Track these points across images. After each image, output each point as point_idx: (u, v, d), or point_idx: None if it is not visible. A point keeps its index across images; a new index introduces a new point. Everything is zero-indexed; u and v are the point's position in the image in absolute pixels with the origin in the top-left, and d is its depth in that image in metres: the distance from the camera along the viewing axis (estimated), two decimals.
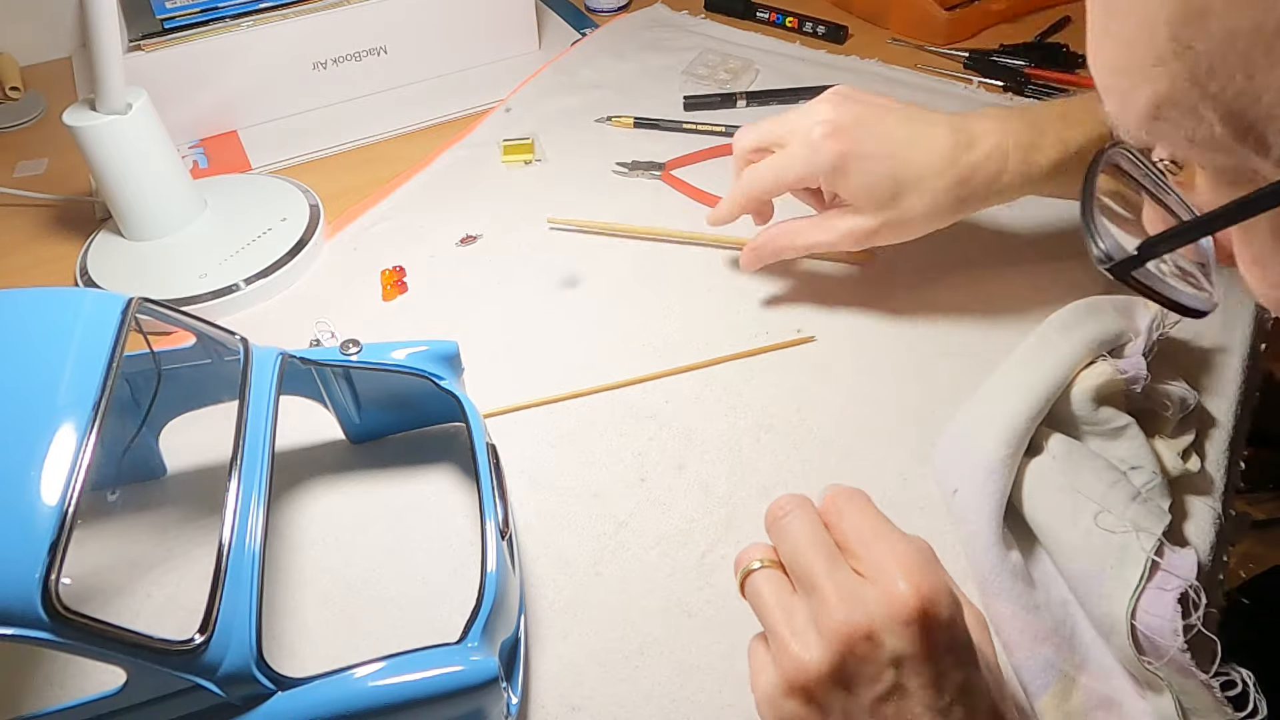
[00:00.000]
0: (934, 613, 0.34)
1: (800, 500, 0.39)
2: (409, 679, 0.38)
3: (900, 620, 0.34)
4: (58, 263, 0.72)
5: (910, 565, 0.35)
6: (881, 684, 0.34)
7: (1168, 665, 0.41)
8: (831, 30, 0.97)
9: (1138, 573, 0.42)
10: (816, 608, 0.36)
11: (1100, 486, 0.45)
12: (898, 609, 0.34)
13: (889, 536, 0.37)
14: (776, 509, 0.39)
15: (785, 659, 0.36)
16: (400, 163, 0.82)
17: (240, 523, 0.39)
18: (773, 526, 0.39)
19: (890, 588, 0.35)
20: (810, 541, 0.37)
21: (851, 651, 0.34)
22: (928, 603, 0.34)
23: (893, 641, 0.34)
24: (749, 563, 0.39)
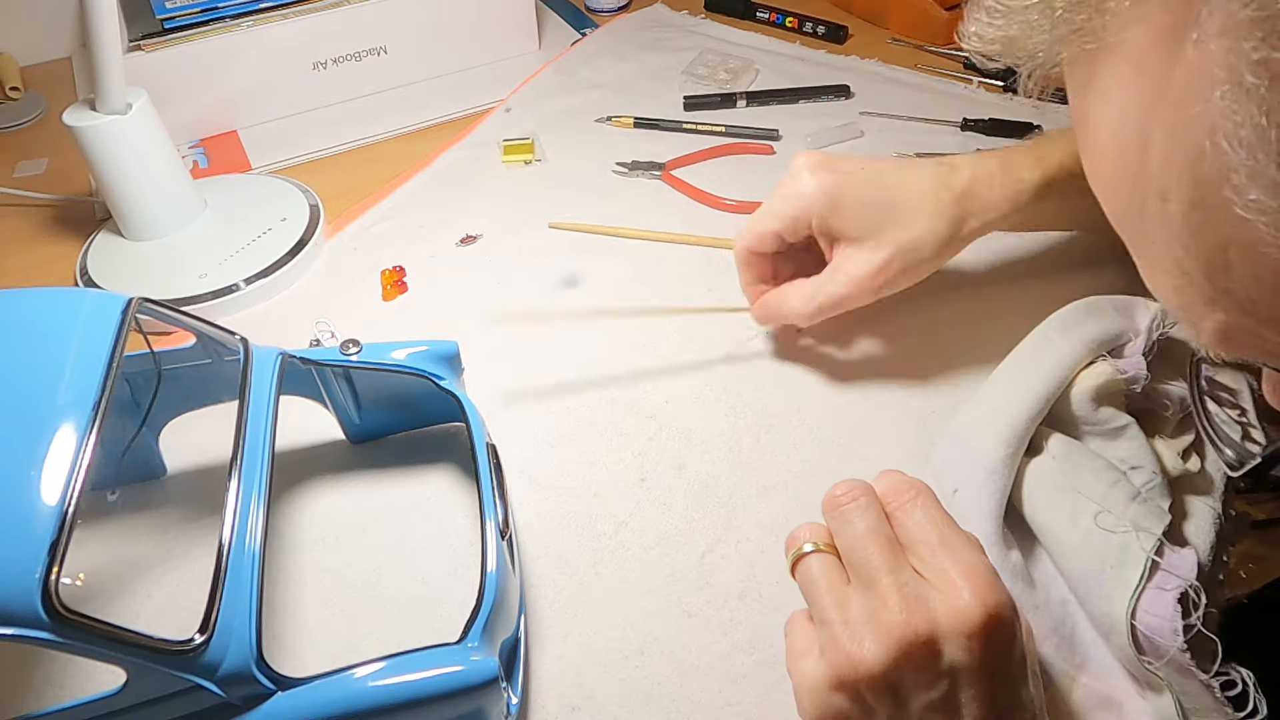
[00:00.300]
0: (996, 629, 0.34)
1: (863, 488, 0.39)
2: (409, 679, 0.38)
3: (963, 632, 0.34)
4: (58, 263, 0.72)
5: (977, 577, 0.35)
6: (934, 692, 0.34)
7: (1167, 665, 0.41)
8: (831, 30, 0.97)
9: (1138, 572, 0.42)
10: (875, 605, 0.35)
11: (1100, 486, 0.45)
12: (961, 620, 0.34)
13: (954, 541, 0.36)
14: (838, 494, 0.38)
15: (836, 652, 0.35)
16: (400, 163, 0.82)
17: (240, 523, 0.39)
18: (832, 512, 0.38)
19: (955, 597, 0.34)
20: (872, 534, 0.37)
21: (908, 656, 0.34)
22: (992, 618, 0.34)
23: (952, 652, 0.34)
24: (802, 544, 0.38)
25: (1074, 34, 0.23)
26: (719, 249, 0.70)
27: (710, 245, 0.70)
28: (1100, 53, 0.23)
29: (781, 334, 0.62)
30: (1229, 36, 0.19)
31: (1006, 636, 0.34)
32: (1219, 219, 0.21)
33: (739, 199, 0.74)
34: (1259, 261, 0.21)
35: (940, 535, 0.37)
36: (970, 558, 0.36)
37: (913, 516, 0.37)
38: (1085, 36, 0.23)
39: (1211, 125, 0.20)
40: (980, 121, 0.81)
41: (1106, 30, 0.22)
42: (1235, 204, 0.20)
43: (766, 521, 0.51)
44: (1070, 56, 0.24)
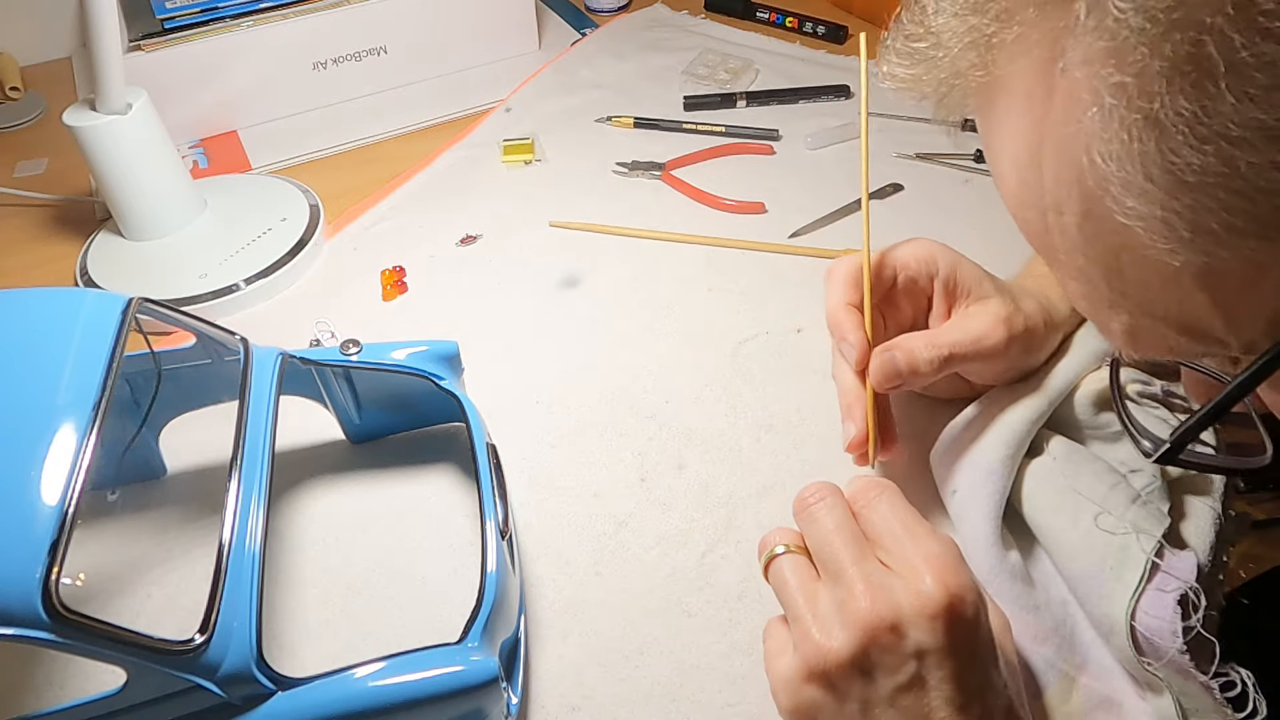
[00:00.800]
0: (959, 610, 0.35)
1: (830, 488, 0.40)
2: (409, 679, 0.38)
3: (926, 614, 0.35)
4: (58, 263, 0.72)
5: (939, 563, 0.36)
6: (902, 675, 0.35)
7: (1167, 666, 0.41)
8: (831, 30, 0.97)
9: (1137, 574, 0.42)
10: (842, 596, 0.36)
11: (1101, 488, 0.45)
12: (924, 603, 0.35)
13: (918, 532, 0.38)
14: (806, 495, 0.40)
15: (807, 644, 0.36)
16: (400, 163, 0.82)
17: (240, 523, 0.39)
18: (801, 513, 0.40)
19: (918, 583, 0.35)
20: (838, 530, 0.38)
21: (875, 641, 0.35)
22: (954, 600, 0.35)
23: (917, 634, 0.35)
24: (773, 546, 0.40)
25: (968, 69, 0.26)
26: (719, 249, 0.70)
27: (711, 245, 0.70)
28: (993, 84, 0.26)
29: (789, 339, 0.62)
30: (1089, 65, 0.22)
31: (969, 618, 0.35)
32: (1107, 228, 0.24)
33: (739, 199, 0.75)
34: (1145, 264, 0.24)
35: (904, 527, 0.38)
36: (934, 547, 0.37)
37: (877, 512, 0.39)
38: (978, 71, 0.25)
39: (1087, 144, 0.22)
40: None
41: (995, 64, 0.25)
42: (1116, 212, 0.23)
43: (766, 521, 0.51)
44: (970, 89, 0.27)
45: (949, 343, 0.47)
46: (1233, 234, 0.21)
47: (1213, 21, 0.19)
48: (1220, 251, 0.22)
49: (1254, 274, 0.23)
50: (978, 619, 0.36)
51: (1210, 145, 0.20)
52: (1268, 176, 0.20)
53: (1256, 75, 0.19)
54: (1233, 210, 0.21)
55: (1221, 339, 0.25)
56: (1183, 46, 0.20)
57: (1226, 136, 0.20)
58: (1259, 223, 0.21)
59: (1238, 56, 0.19)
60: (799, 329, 0.63)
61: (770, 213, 0.74)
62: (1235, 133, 0.20)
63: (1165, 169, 0.21)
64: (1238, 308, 0.24)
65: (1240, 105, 0.19)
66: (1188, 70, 0.20)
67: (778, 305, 0.65)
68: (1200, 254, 0.22)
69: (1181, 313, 0.25)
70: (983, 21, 0.24)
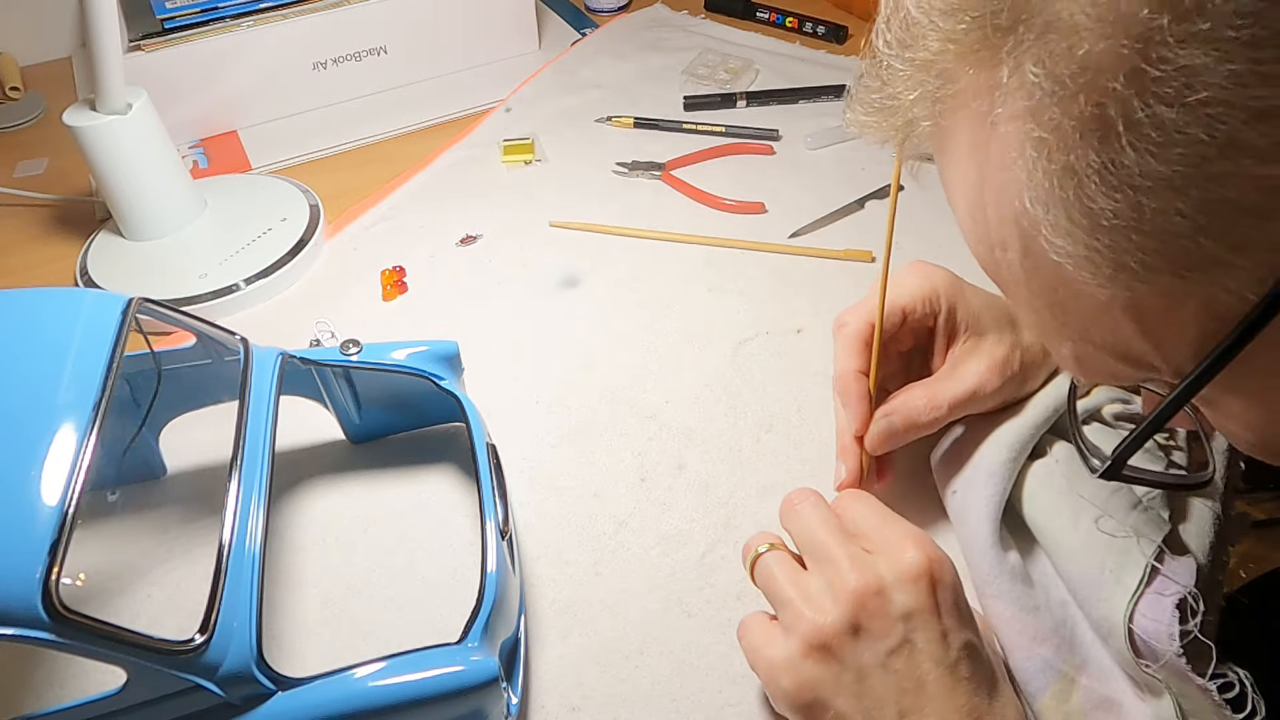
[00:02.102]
0: (940, 574, 0.38)
1: (811, 492, 0.43)
2: (409, 679, 0.38)
3: (909, 577, 0.38)
4: (58, 263, 0.72)
5: (917, 538, 0.39)
6: (892, 638, 0.37)
7: (1165, 669, 0.41)
8: (831, 30, 0.97)
9: (1137, 577, 0.42)
10: (830, 575, 0.39)
11: (1102, 492, 0.45)
12: (906, 568, 0.38)
13: (895, 521, 0.41)
14: (791, 498, 0.43)
15: (802, 623, 0.38)
16: (400, 163, 0.82)
17: (240, 523, 0.39)
18: (786, 513, 0.42)
19: (899, 554, 0.38)
20: (823, 522, 0.41)
21: (864, 607, 0.37)
22: (934, 565, 0.38)
23: (901, 597, 0.37)
24: (756, 547, 0.42)
25: (921, 118, 0.28)
26: (719, 249, 0.70)
27: (711, 245, 0.70)
28: (942, 133, 0.29)
29: (786, 340, 0.62)
30: (1015, 121, 0.24)
31: (950, 582, 0.39)
32: (1043, 264, 0.26)
33: (739, 199, 0.75)
34: (1080, 297, 0.26)
35: (882, 519, 0.41)
36: (910, 528, 0.40)
37: (856, 510, 0.42)
38: (928, 121, 0.28)
39: (1019, 190, 0.25)
40: None
41: (942, 115, 0.28)
42: (1049, 251, 0.25)
43: (766, 521, 0.51)
44: (924, 135, 0.30)
45: (947, 401, 0.49)
46: (1148, 271, 0.23)
47: (1112, 86, 0.21)
48: (1140, 286, 0.24)
49: (1172, 306, 0.25)
50: (956, 586, 0.39)
51: (1120, 193, 0.22)
52: (1172, 221, 0.22)
53: (1152, 133, 0.21)
54: (1146, 250, 0.23)
55: (1154, 364, 0.27)
56: (1088, 108, 0.22)
57: (1133, 185, 0.22)
58: (1170, 261, 0.23)
59: (1135, 117, 0.21)
60: (799, 329, 0.63)
61: (770, 213, 0.74)
62: (1139, 182, 0.22)
63: (1085, 213, 0.23)
64: (1163, 336, 0.26)
65: (1141, 158, 0.22)
66: (1094, 128, 0.22)
67: (778, 305, 0.65)
68: (1123, 288, 0.24)
69: (1116, 341, 0.27)
70: (929, 78, 0.27)
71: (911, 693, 0.37)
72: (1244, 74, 0.20)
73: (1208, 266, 0.23)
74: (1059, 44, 0.22)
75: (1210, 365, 0.25)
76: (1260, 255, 0.22)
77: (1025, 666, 0.43)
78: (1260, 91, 0.20)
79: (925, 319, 0.50)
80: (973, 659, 0.38)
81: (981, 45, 0.25)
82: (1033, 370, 0.50)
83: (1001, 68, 0.24)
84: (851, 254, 0.69)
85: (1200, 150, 0.21)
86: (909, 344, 0.52)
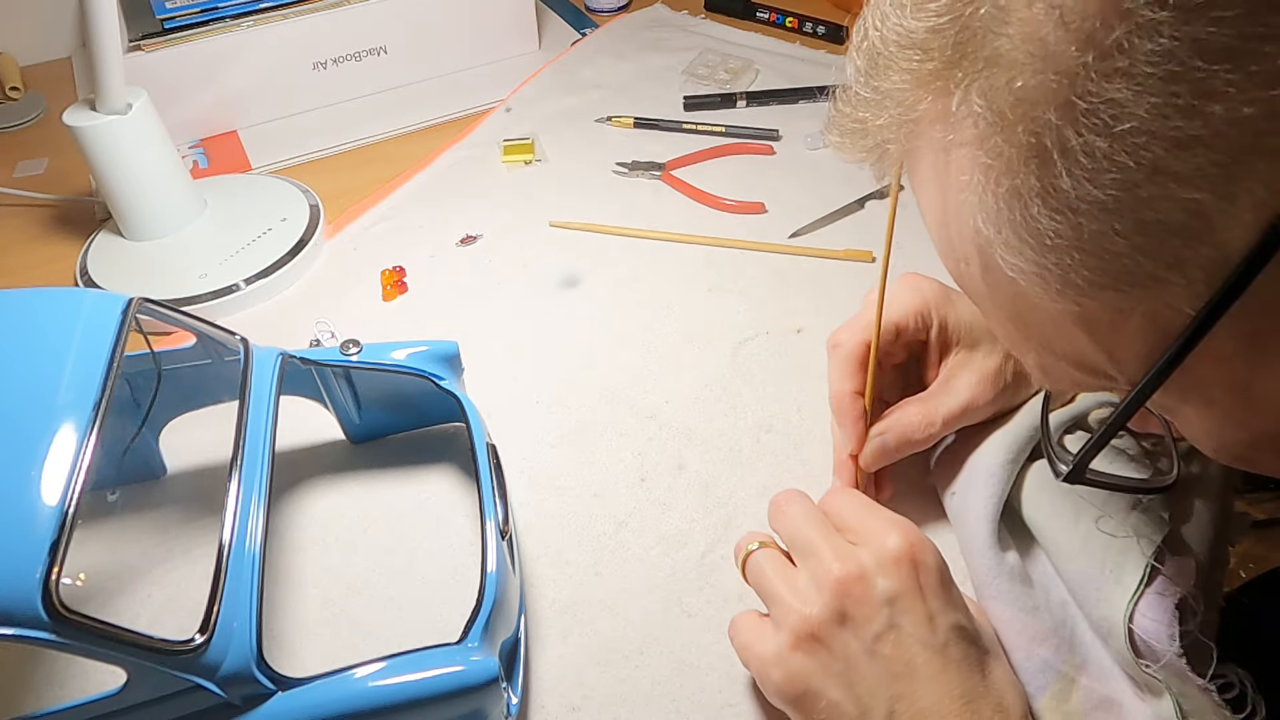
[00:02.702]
0: (921, 556, 0.39)
1: (797, 492, 0.44)
2: (409, 679, 0.38)
3: (890, 560, 0.38)
4: (58, 263, 0.72)
5: (900, 524, 0.40)
6: (877, 623, 0.37)
7: (1164, 669, 0.41)
8: (831, 30, 0.97)
9: (1137, 577, 0.42)
10: (814, 568, 0.39)
11: (1101, 494, 0.45)
12: (887, 552, 0.38)
13: (878, 511, 0.41)
14: (778, 498, 0.43)
15: (790, 617, 0.38)
16: (400, 163, 0.82)
17: (240, 523, 0.39)
18: (774, 515, 0.43)
19: (881, 541, 0.39)
20: (807, 518, 0.42)
21: (848, 594, 0.38)
22: (915, 548, 0.39)
23: (884, 581, 0.38)
24: (748, 545, 0.43)
25: (889, 141, 0.30)
26: (719, 249, 0.70)
27: (710, 245, 0.70)
28: (909, 154, 0.30)
29: (790, 341, 0.62)
30: (965, 147, 0.26)
31: (932, 565, 0.39)
32: (1000, 279, 0.27)
33: (739, 199, 0.75)
34: (1036, 310, 0.28)
35: (865, 509, 0.41)
36: (893, 517, 0.40)
37: (840, 504, 0.42)
38: (895, 144, 0.30)
39: (973, 210, 0.26)
40: None
41: (907, 139, 0.29)
42: (1004, 267, 0.26)
43: (766, 522, 0.51)
44: (893, 156, 0.31)
45: (941, 417, 0.49)
46: (1092, 287, 0.25)
47: (1046, 117, 0.23)
48: (1086, 301, 0.25)
49: (1119, 319, 0.26)
50: (941, 569, 0.39)
51: (1061, 215, 0.24)
52: (1111, 240, 0.23)
53: (1084, 160, 0.23)
54: (1089, 267, 0.24)
55: (1109, 373, 0.28)
56: (1026, 136, 0.24)
57: (1071, 207, 0.23)
58: (1112, 278, 0.24)
59: (1069, 145, 0.23)
60: (799, 329, 0.63)
61: (770, 213, 0.74)
62: (1078, 204, 0.23)
63: (1031, 233, 0.25)
64: (1114, 347, 0.27)
65: (1077, 183, 0.23)
66: (1033, 155, 0.24)
67: (778, 305, 0.65)
68: (1072, 303, 0.26)
69: (1074, 351, 0.28)
70: (892, 106, 0.29)
71: (902, 678, 0.37)
72: (1163, 106, 0.21)
73: (1147, 283, 0.24)
74: (999, 77, 0.24)
75: (1155, 376, 0.26)
76: (1194, 273, 0.23)
77: (1025, 666, 0.43)
78: (1178, 122, 0.21)
79: (918, 333, 0.50)
80: (963, 640, 0.38)
81: (935, 76, 0.27)
82: (1025, 378, 0.50)
83: (952, 97, 0.26)
84: (851, 254, 0.69)
85: (1129, 175, 0.22)
86: (902, 357, 0.52)
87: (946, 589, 0.39)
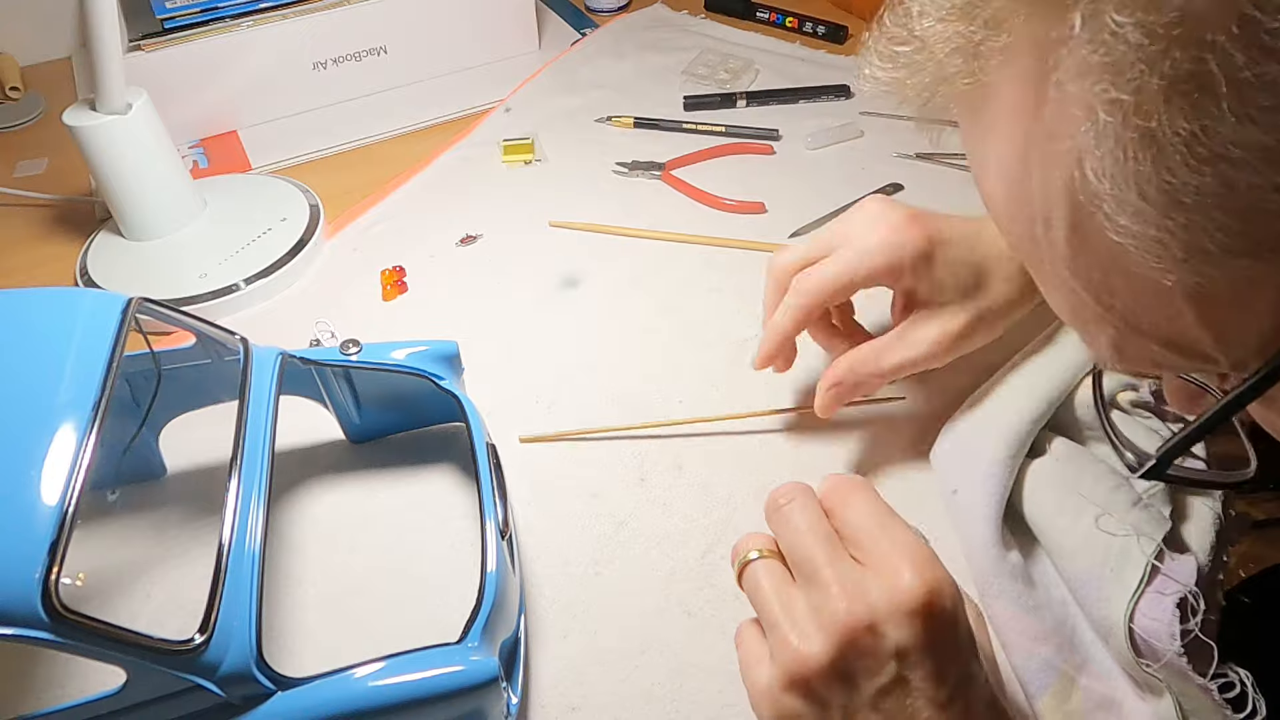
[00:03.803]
0: (938, 605, 0.34)
1: (801, 488, 0.39)
2: (409, 679, 0.38)
3: (904, 611, 0.34)
4: (58, 263, 0.72)
5: (914, 557, 0.35)
6: (883, 677, 0.34)
7: (1165, 668, 0.41)
8: (831, 30, 0.97)
9: (1137, 576, 0.42)
10: (817, 599, 0.35)
11: (1102, 490, 0.45)
12: (902, 600, 0.34)
13: (892, 526, 0.36)
14: (777, 496, 0.39)
15: (785, 651, 0.35)
16: (400, 163, 0.82)
17: (240, 523, 0.39)
18: (772, 515, 0.39)
19: (894, 579, 0.34)
20: (810, 530, 0.37)
21: (853, 644, 0.34)
22: (932, 594, 0.34)
23: (896, 633, 0.34)
24: (746, 553, 0.39)
25: (954, 75, 0.25)
26: (719, 249, 0.70)
27: (710, 244, 0.70)
28: (980, 92, 0.25)
29: None
30: (1083, 79, 0.21)
31: (948, 612, 0.34)
32: (1095, 243, 0.23)
33: (739, 199, 0.75)
34: (1134, 281, 0.23)
35: (878, 522, 0.37)
36: (908, 539, 0.36)
37: (851, 508, 0.38)
38: (964, 77, 0.25)
39: (1079, 158, 0.22)
40: None
41: (982, 71, 0.24)
42: (1108, 229, 0.22)
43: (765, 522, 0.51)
44: (954, 96, 0.26)
45: (893, 365, 0.49)
46: (1227, 254, 0.21)
47: (1215, 39, 0.19)
48: (1213, 270, 0.22)
49: (1246, 292, 0.22)
50: (956, 612, 0.35)
51: (1209, 166, 0.20)
52: (1266, 198, 0.20)
53: (1259, 96, 0.19)
54: (1229, 230, 0.21)
55: (1209, 355, 0.24)
56: (1183, 64, 0.19)
57: (1226, 157, 0.19)
58: (1254, 242, 0.21)
59: (1240, 76, 0.19)
60: None
61: (770, 213, 0.74)
62: (1236, 154, 0.19)
63: (1161, 188, 0.21)
64: (1228, 326, 0.23)
65: (1242, 126, 0.19)
66: (1187, 89, 0.19)
67: None
68: (1193, 274, 0.22)
69: (1170, 329, 0.24)
70: (970, 28, 0.24)
71: None
72: None
73: None
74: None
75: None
76: None
77: (1025, 666, 0.43)
78: None
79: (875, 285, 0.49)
80: (968, 691, 0.35)
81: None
82: (990, 329, 0.50)
83: (1072, 14, 0.21)
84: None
85: None
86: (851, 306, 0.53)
87: (957, 635, 0.35)
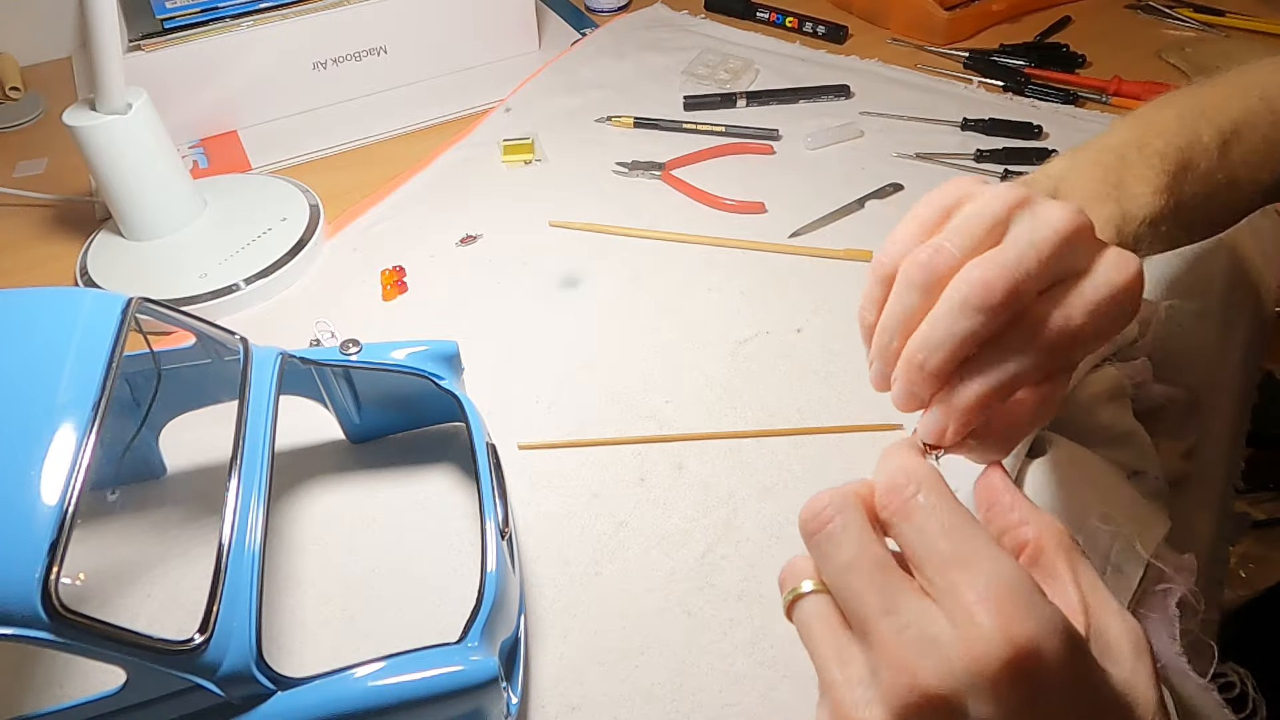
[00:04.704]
0: (1034, 664, 0.25)
1: (841, 502, 0.30)
2: (409, 679, 0.38)
3: (987, 677, 0.25)
4: (58, 263, 0.72)
5: (999, 596, 0.26)
6: None
7: (1165, 668, 0.41)
8: (831, 30, 0.97)
9: (1137, 575, 0.42)
10: (875, 661, 0.27)
11: (1103, 489, 0.45)
12: (984, 662, 0.25)
13: (969, 549, 0.27)
14: (813, 518, 0.30)
15: (839, 715, 0.28)
16: (400, 163, 0.82)
17: (240, 523, 0.39)
18: (810, 542, 0.30)
19: (971, 628, 0.26)
20: (856, 566, 0.29)
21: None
22: (1026, 651, 0.25)
23: (977, 707, 0.25)
24: (797, 584, 0.31)
25: None
26: (719, 249, 0.70)
27: (711, 244, 0.70)
28: None
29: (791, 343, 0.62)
30: None
31: (1050, 669, 0.25)
32: None
33: (739, 199, 0.75)
34: None
35: (951, 543, 0.28)
36: (991, 568, 0.27)
37: (913, 522, 0.29)
38: None
39: None
40: (980, 121, 0.81)
41: None
42: None
43: (766, 522, 0.51)
44: None
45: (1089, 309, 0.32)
46: None
47: None
48: None
49: None
50: (1064, 666, 0.26)
51: None
52: None
53: None
54: None
55: None
56: None
57: None
58: None
59: None
60: (799, 329, 0.63)
61: (770, 213, 0.74)
62: None
63: None
64: None
65: None
66: None
67: (778, 305, 0.65)
68: None
69: None
70: None
71: None
72: None
73: None
74: None
75: None
76: None
77: None
78: None
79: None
80: None
81: None
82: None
83: None
84: (851, 254, 0.69)
85: None
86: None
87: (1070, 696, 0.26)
